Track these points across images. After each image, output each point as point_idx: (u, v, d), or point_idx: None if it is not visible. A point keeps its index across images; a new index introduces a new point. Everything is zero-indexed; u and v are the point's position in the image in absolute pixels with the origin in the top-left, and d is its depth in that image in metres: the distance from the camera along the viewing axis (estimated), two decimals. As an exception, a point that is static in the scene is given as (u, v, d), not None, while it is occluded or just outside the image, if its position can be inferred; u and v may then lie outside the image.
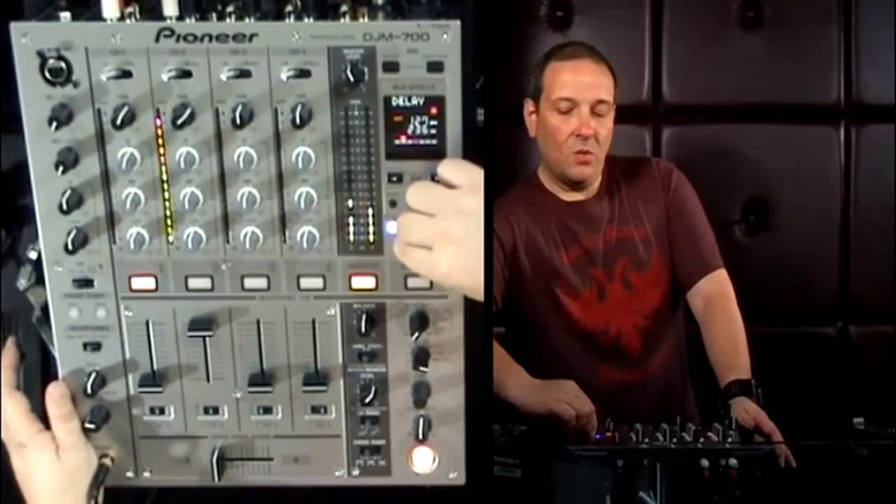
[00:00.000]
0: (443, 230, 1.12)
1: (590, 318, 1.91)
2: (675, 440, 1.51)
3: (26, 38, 1.13)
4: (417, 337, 1.24)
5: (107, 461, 1.28)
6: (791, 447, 1.56)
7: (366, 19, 1.15)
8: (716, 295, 1.91)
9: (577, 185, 1.93)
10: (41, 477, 1.24)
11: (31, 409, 1.25)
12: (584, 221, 1.93)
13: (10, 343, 1.28)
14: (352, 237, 1.22)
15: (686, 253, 1.93)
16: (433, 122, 1.17)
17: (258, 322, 1.25)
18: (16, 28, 1.13)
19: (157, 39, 1.13)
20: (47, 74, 1.14)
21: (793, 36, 2.30)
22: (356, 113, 1.17)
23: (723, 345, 1.86)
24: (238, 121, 1.14)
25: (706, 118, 2.24)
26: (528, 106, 1.93)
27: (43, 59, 1.14)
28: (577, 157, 1.86)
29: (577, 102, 1.85)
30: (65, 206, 1.17)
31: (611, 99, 1.87)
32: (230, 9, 1.15)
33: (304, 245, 1.21)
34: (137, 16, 1.14)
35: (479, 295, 1.16)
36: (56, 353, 1.26)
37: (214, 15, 1.15)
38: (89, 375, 1.25)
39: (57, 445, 1.24)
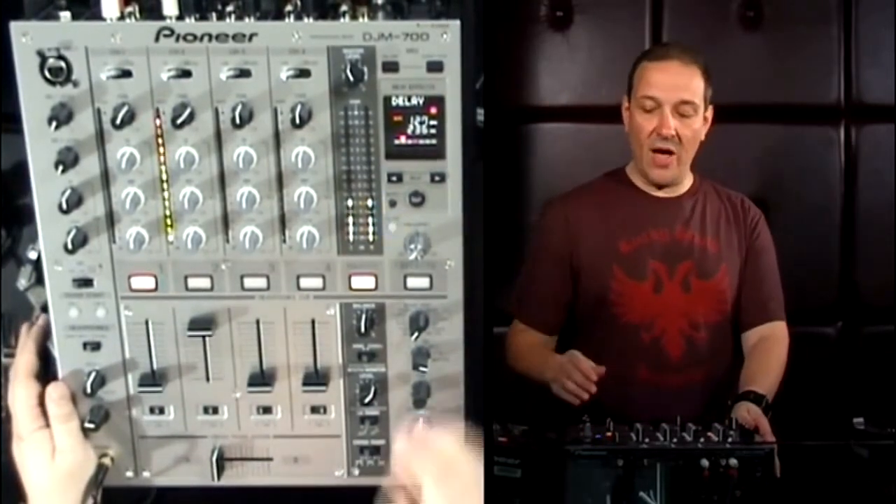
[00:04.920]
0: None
1: (639, 309, 1.91)
2: (675, 440, 1.51)
3: (26, 37, 1.13)
4: (417, 337, 1.23)
5: (106, 461, 1.27)
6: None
7: (366, 19, 1.15)
8: (769, 337, 1.94)
9: (659, 186, 1.95)
10: (34, 476, 1.24)
11: (41, 402, 1.24)
12: (656, 214, 1.95)
13: (39, 323, 1.27)
14: (351, 237, 1.22)
15: (751, 296, 1.96)
16: (433, 122, 1.17)
17: (258, 322, 1.25)
18: (16, 28, 1.13)
19: (157, 39, 1.13)
20: (47, 74, 1.14)
21: (793, 36, 2.30)
22: (356, 113, 1.17)
23: (755, 369, 1.88)
24: (238, 120, 1.14)
25: (706, 118, 2.23)
26: (625, 102, 1.95)
27: (43, 58, 1.13)
28: (655, 158, 1.88)
29: (660, 102, 1.86)
30: (65, 206, 1.17)
31: (697, 100, 1.86)
32: (230, 8, 1.15)
33: (304, 245, 1.21)
34: (137, 15, 1.14)
35: None
36: (56, 353, 1.26)
37: (214, 15, 1.15)
38: (89, 375, 1.25)
39: (53, 447, 1.24)
